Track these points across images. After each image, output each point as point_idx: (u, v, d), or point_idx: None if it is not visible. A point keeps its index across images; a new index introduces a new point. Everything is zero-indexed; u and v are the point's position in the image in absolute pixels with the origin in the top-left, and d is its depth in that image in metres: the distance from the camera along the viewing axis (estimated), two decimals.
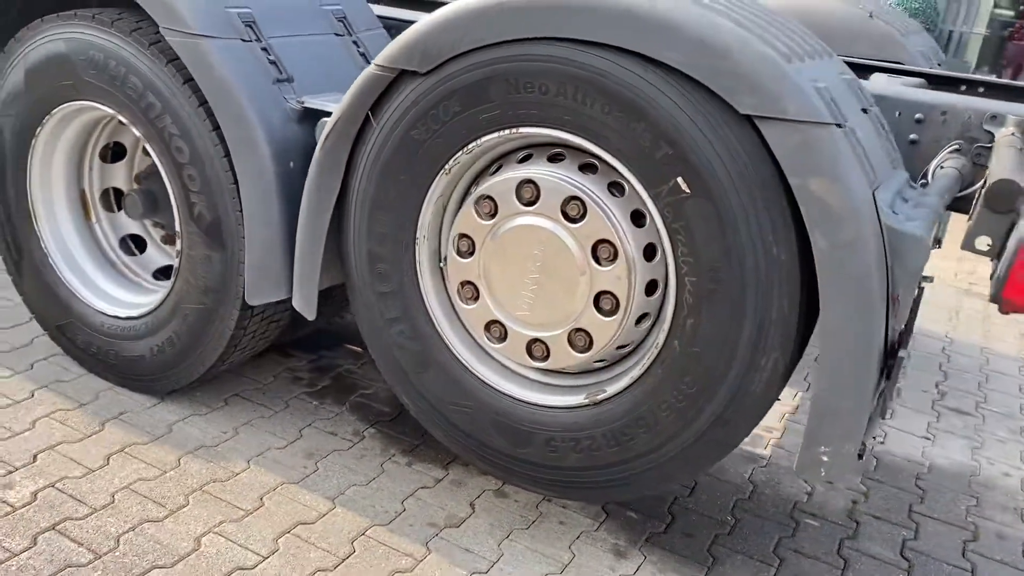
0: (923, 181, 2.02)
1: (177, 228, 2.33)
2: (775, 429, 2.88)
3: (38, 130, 2.48)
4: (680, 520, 2.34)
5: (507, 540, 2.17)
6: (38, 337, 2.80)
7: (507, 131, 1.80)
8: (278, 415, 2.59)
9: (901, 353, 1.60)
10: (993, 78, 2.82)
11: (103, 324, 2.55)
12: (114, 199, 2.72)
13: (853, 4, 3.18)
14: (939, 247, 1.80)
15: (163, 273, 2.70)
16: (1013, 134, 2.06)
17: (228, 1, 2.19)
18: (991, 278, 1.59)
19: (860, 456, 1.71)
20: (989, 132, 2.14)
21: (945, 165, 2.08)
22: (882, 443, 2.88)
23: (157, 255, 2.75)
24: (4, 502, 2.08)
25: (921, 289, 2.03)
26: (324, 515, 2.18)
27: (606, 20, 1.62)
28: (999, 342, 3.87)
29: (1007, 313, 1.58)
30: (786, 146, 1.54)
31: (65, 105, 2.40)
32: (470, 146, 1.86)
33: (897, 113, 2.23)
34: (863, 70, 2.84)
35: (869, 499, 2.57)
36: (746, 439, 1.89)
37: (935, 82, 2.82)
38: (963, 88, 2.80)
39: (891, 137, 1.95)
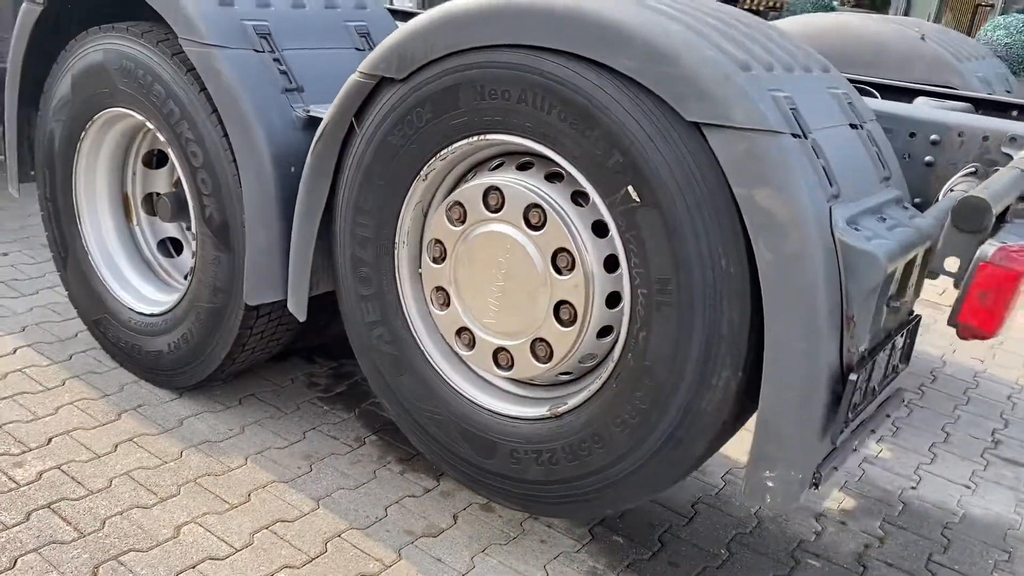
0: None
1: (193, 230, 2.44)
2: None
3: (82, 135, 2.65)
4: (669, 548, 2.25)
5: (482, 554, 2.14)
6: (82, 331, 2.97)
7: (475, 138, 1.81)
8: (286, 417, 2.66)
9: (852, 376, 1.50)
10: None
11: (130, 320, 2.69)
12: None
13: (905, 27, 3.04)
14: (933, 277, 1.69)
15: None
16: None
17: (245, 14, 2.29)
18: None
19: (816, 485, 1.61)
20: (1008, 155, 2.01)
21: (956, 188, 1.97)
22: (914, 487, 2.70)
23: (191, 258, 2.89)
24: (11, 479, 2.21)
25: (917, 317, 1.91)
26: (305, 515, 2.22)
27: (561, 26, 1.62)
28: None
29: (966, 339, 1.47)
30: (731, 154, 1.49)
31: (104, 111, 2.56)
32: (443, 152, 1.87)
33: (911, 134, 2.13)
34: (909, 93, 2.73)
35: (885, 544, 2.41)
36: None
37: (983, 107, 2.67)
38: (1014, 114, 2.65)
39: (885, 154, 1.85)
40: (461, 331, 1.97)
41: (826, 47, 3.09)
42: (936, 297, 4.45)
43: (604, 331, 1.79)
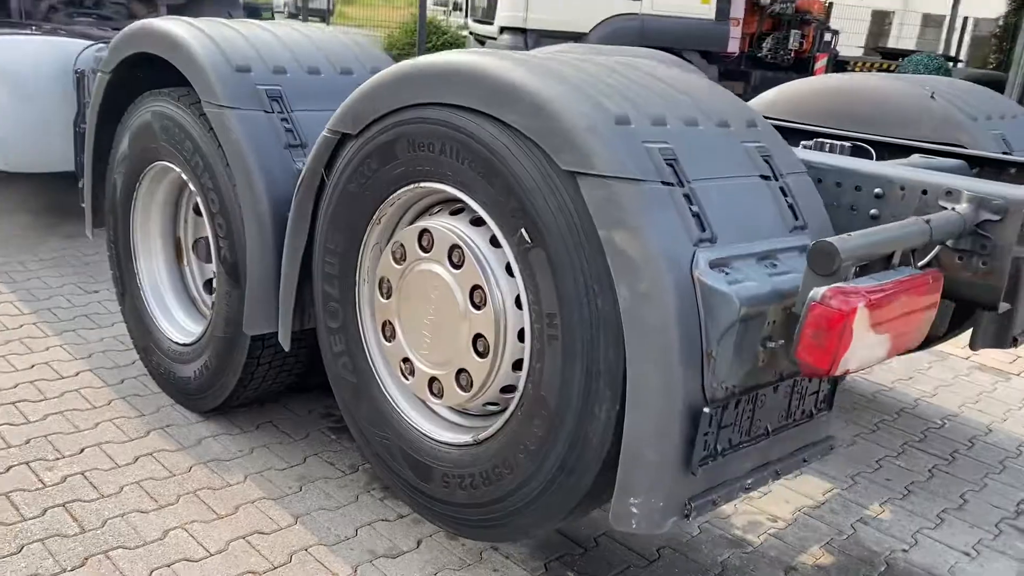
0: None
1: (213, 268, 2.75)
2: (780, 519, 2.73)
3: (137, 185, 3.04)
4: None
5: None
6: (137, 360, 3.33)
7: (412, 185, 2.01)
8: (294, 443, 2.89)
9: (706, 410, 1.57)
10: None
11: (168, 348, 3.02)
12: None
13: (914, 85, 3.04)
14: (794, 320, 1.73)
15: None
16: (954, 208, 1.94)
17: (260, 80, 2.60)
18: None
19: (687, 516, 1.67)
20: (944, 207, 2.02)
21: None
22: (905, 551, 2.63)
23: None
24: (40, 480, 2.54)
25: None
26: (281, 529, 2.42)
27: (465, 85, 1.81)
28: None
29: (808, 376, 1.52)
30: (595, 199, 1.62)
31: (153, 164, 2.93)
32: (390, 199, 2.08)
33: (856, 187, 2.17)
34: (908, 150, 2.75)
35: None
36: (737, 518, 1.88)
37: (979, 165, 2.65)
38: (1012, 171, 2.62)
39: (804, 205, 1.91)
40: (405, 360, 2.15)
41: (838, 106, 3.13)
42: (1004, 365, 4.26)
43: (518, 364, 1.93)
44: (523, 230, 1.76)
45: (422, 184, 1.99)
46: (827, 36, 9.46)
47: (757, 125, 2.01)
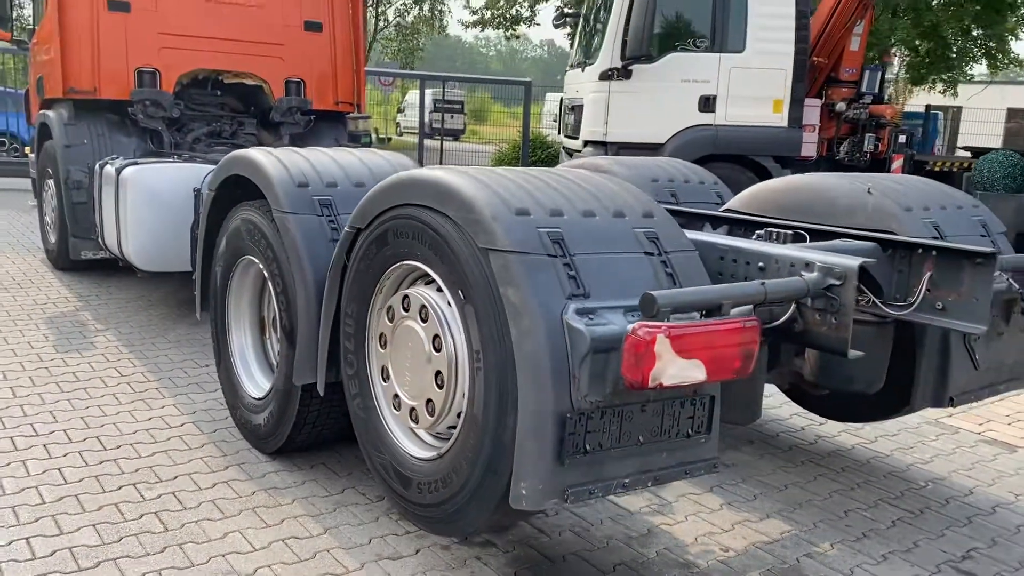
0: None
1: (278, 335, 3.55)
2: (731, 549, 3.18)
3: (231, 275, 3.91)
4: None
5: (420, 574, 2.88)
6: (229, 415, 4.15)
7: (399, 263, 2.74)
8: (338, 478, 3.58)
9: (570, 416, 2.17)
10: (944, 243, 3.06)
11: (248, 402, 3.81)
12: None
13: (855, 182, 3.56)
14: None
15: None
16: (802, 275, 2.50)
17: (316, 193, 3.43)
18: None
19: (566, 500, 2.25)
20: (803, 275, 2.57)
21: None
22: None
23: None
24: (141, 495, 3.33)
25: (708, 395, 2.47)
26: (312, 536, 3.09)
27: (426, 191, 2.54)
28: None
29: (632, 389, 2.09)
30: (498, 266, 2.29)
31: (241, 258, 3.81)
32: (386, 274, 2.82)
33: (746, 262, 2.76)
34: (836, 235, 3.28)
35: None
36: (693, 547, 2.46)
37: (891, 246, 3.15)
38: (919, 251, 3.09)
39: (683, 274, 2.50)
40: (395, 396, 2.83)
41: (796, 202, 3.69)
42: (1014, 439, 4.50)
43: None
44: (460, 290, 2.44)
45: (404, 262, 2.72)
46: (901, 138, 9.81)
47: (653, 215, 2.64)
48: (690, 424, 2.45)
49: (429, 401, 2.66)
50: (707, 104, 9.27)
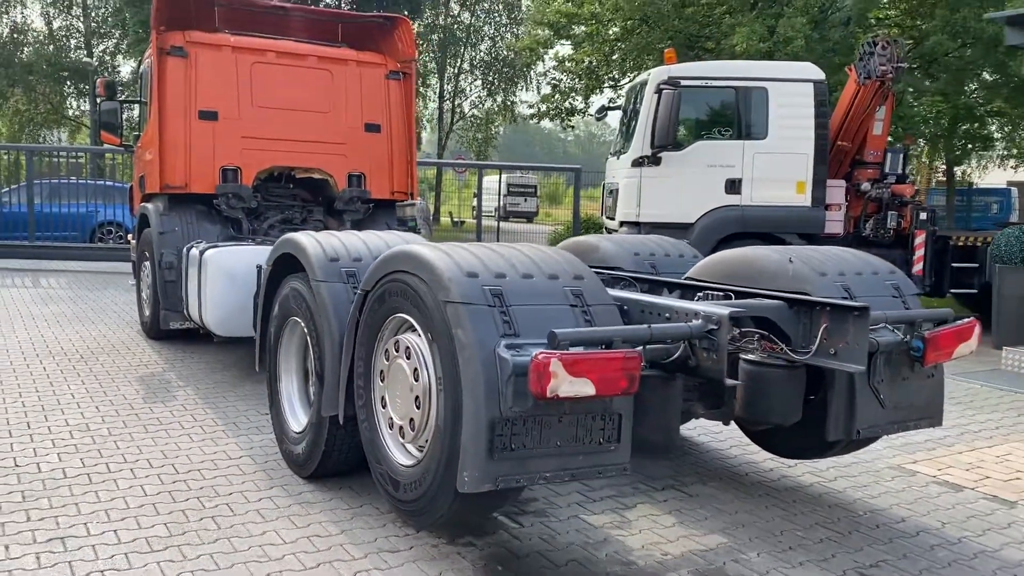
0: None
1: (314, 378, 4.44)
2: (670, 554, 3.85)
3: (282, 333, 4.85)
4: None
5: (410, 563, 3.65)
6: (279, 449, 5.03)
7: (393, 315, 3.61)
8: (359, 495, 4.38)
9: (497, 422, 2.96)
10: (830, 300, 3.76)
11: (291, 435, 4.69)
12: None
13: (782, 254, 4.29)
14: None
15: None
16: (687, 322, 3.27)
17: (344, 266, 4.35)
18: None
19: (497, 486, 3.02)
20: (694, 323, 3.34)
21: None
22: None
23: None
24: (202, 505, 4.20)
25: (616, 415, 3.22)
26: (331, 535, 3.90)
27: (409, 260, 3.43)
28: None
29: (536, 400, 2.88)
30: (451, 314, 3.13)
31: (288, 319, 4.75)
32: (385, 324, 3.69)
33: (660, 313, 3.54)
34: (756, 296, 4.02)
35: None
36: (638, 551, 3.23)
37: (796, 304, 3.88)
38: (817, 308, 3.81)
39: (600, 320, 3.29)
40: (390, 419, 3.66)
41: (735, 270, 4.45)
42: (957, 479, 5.03)
43: None
44: (429, 332, 3.29)
45: (397, 314, 3.59)
46: (923, 215, 10.35)
47: (583, 278, 3.46)
48: (602, 434, 3.20)
49: (411, 420, 3.49)
50: (733, 187, 10.02)
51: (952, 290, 10.93)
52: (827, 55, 13.08)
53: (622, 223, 10.48)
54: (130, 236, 9.95)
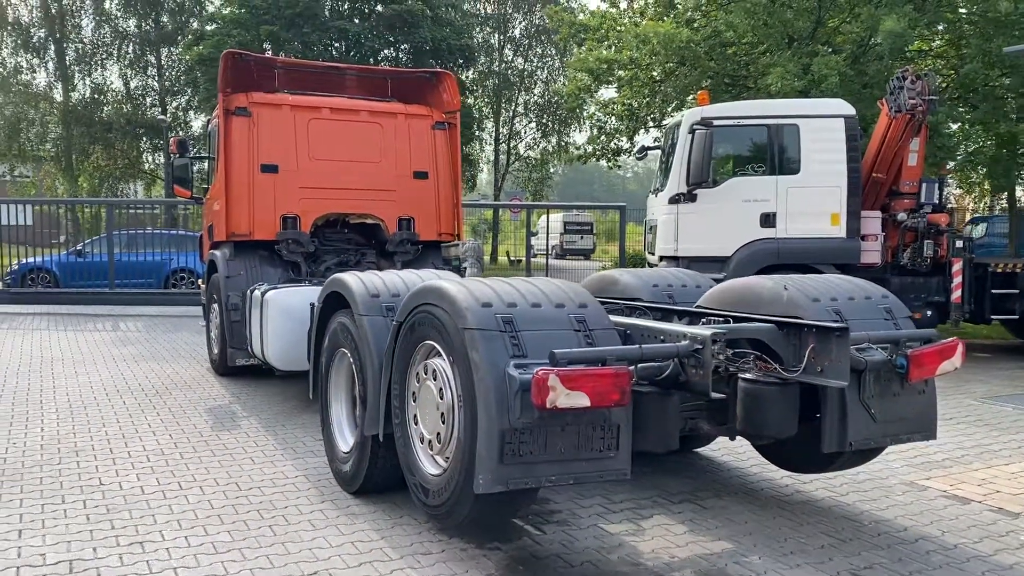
0: None
1: (359, 403, 4.96)
2: (677, 557, 4.23)
3: (331, 364, 5.40)
4: None
5: (441, 563, 4.11)
6: (330, 469, 5.54)
7: (422, 342, 4.12)
8: (398, 508, 4.86)
9: (507, 432, 3.42)
10: (815, 322, 4.14)
11: (340, 455, 5.21)
12: None
13: (778, 283, 4.68)
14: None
15: None
16: (676, 342, 3.71)
17: (384, 301, 4.88)
18: None
19: (507, 486, 3.47)
20: (682, 343, 3.78)
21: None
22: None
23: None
24: (260, 515, 4.74)
25: (616, 425, 3.65)
26: (372, 540, 4.38)
27: (434, 294, 3.94)
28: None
29: (539, 411, 3.33)
30: (469, 339, 3.61)
31: (337, 351, 5.29)
32: (416, 349, 4.19)
33: (655, 336, 3.98)
34: (752, 320, 4.43)
35: None
36: (648, 555, 3.67)
37: (786, 327, 4.28)
38: (805, 330, 4.20)
39: (600, 341, 3.74)
40: (421, 434, 4.15)
41: (737, 297, 4.85)
42: (967, 493, 5.28)
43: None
44: (451, 356, 3.78)
45: (425, 341, 4.09)
46: (959, 243, 10.50)
47: (587, 306, 3.92)
48: (602, 443, 3.63)
49: (438, 434, 3.97)
50: (767, 220, 10.35)
51: (993, 316, 11.00)
52: (864, 90, 13.34)
53: (661, 258, 10.87)
54: (200, 281, 10.72)
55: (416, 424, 4.21)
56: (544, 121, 38.70)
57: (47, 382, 8.58)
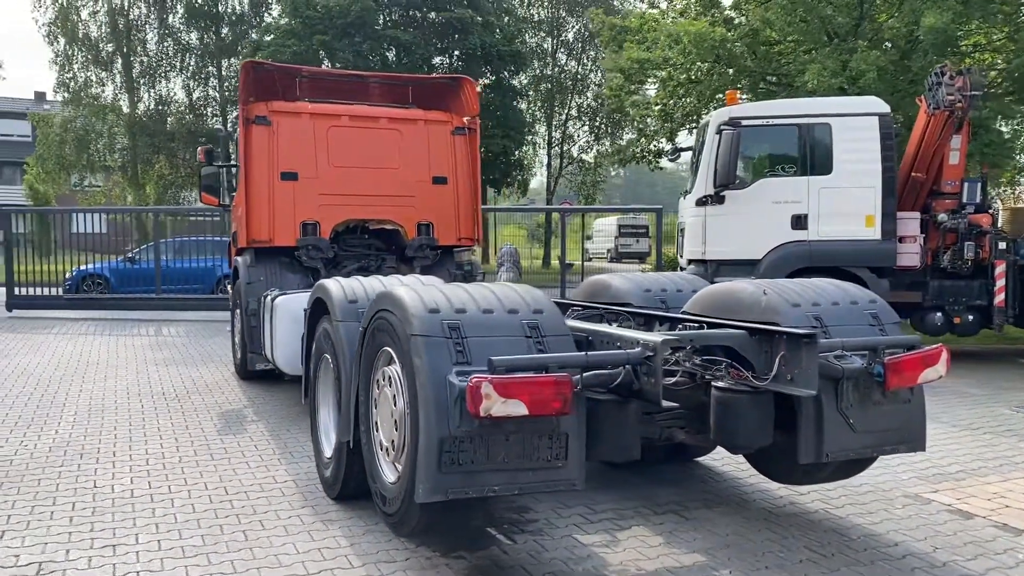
0: None
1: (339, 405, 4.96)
2: (644, 570, 4.12)
3: (319, 369, 5.42)
4: None
5: (405, 570, 4.07)
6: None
7: (381, 349, 4.09)
8: (374, 515, 4.85)
9: (446, 440, 3.36)
10: (781, 328, 3.99)
11: (324, 460, 5.22)
12: None
13: (758, 287, 4.51)
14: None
15: None
16: (625, 349, 3.61)
17: (359, 307, 4.86)
18: None
19: (447, 495, 3.42)
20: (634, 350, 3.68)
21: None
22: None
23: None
24: (237, 519, 4.77)
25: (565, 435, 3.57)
26: (340, 547, 4.37)
27: (387, 300, 3.91)
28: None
29: (475, 418, 3.26)
30: (413, 344, 3.57)
31: (323, 355, 5.31)
32: (377, 356, 4.17)
33: (613, 342, 3.88)
34: (727, 326, 4.30)
35: None
36: (615, 567, 3.62)
37: (756, 333, 4.14)
38: (776, 336, 4.06)
39: (551, 347, 3.66)
40: (380, 441, 4.12)
41: (717, 302, 4.72)
42: (973, 508, 5.02)
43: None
44: (401, 362, 3.75)
45: (384, 348, 4.07)
46: (1002, 244, 10.05)
47: (543, 312, 3.83)
48: (549, 452, 3.55)
49: (393, 441, 3.94)
50: (799, 222, 10.07)
51: None
52: (908, 86, 12.89)
53: (689, 261, 10.68)
54: (230, 287, 10.92)
55: (377, 431, 4.19)
56: (597, 124, 38.47)
57: (75, 386, 8.84)
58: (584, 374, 3.56)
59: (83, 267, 18.08)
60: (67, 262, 17.52)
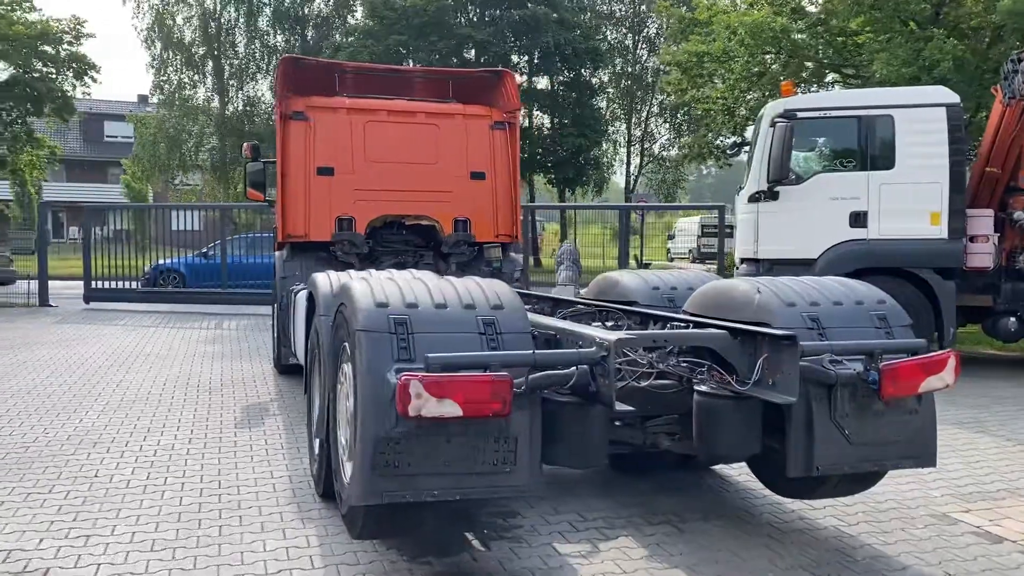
0: None
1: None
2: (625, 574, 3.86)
3: (314, 363, 5.34)
4: None
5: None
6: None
7: (344, 344, 3.96)
8: None
9: (380, 441, 3.19)
10: (762, 329, 3.68)
11: (314, 456, 5.13)
12: None
13: (752, 286, 4.18)
14: None
15: None
16: (580, 346, 3.37)
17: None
18: None
19: (382, 497, 3.25)
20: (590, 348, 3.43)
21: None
22: None
23: None
24: (220, 514, 4.71)
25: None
26: (308, 547, 4.26)
27: (344, 294, 3.76)
28: None
29: (405, 418, 3.08)
30: (357, 340, 3.42)
31: (314, 350, 5.22)
32: (340, 352, 4.03)
33: (575, 341, 3.65)
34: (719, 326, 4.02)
35: None
36: None
37: (739, 334, 3.85)
38: (759, 338, 3.76)
39: (506, 345, 3.45)
40: (340, 439, 3.98)
41: (712, 301, 4.42)
42: (1003, 532, 4.58)
43: None
44: (351, 358, 3.60)
45: (344, 344, 3.93)
46: None
47: (503, 307, 3.62)
48: (496, 456, 3.34)
49: (347, 439, 3.79)
50: (858, 220, 9.52)
51: None
52: (987, 76, 12.06)
53: (742, 260, 10.24)
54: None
55: (339, 429, 4.05)
56: (678, 121, 37.71)
57: (115, 376, 9.05)
58: (534, 374, 3.33)
59: (162, 262, 18.66)
60: (149, 258, 18.08)
